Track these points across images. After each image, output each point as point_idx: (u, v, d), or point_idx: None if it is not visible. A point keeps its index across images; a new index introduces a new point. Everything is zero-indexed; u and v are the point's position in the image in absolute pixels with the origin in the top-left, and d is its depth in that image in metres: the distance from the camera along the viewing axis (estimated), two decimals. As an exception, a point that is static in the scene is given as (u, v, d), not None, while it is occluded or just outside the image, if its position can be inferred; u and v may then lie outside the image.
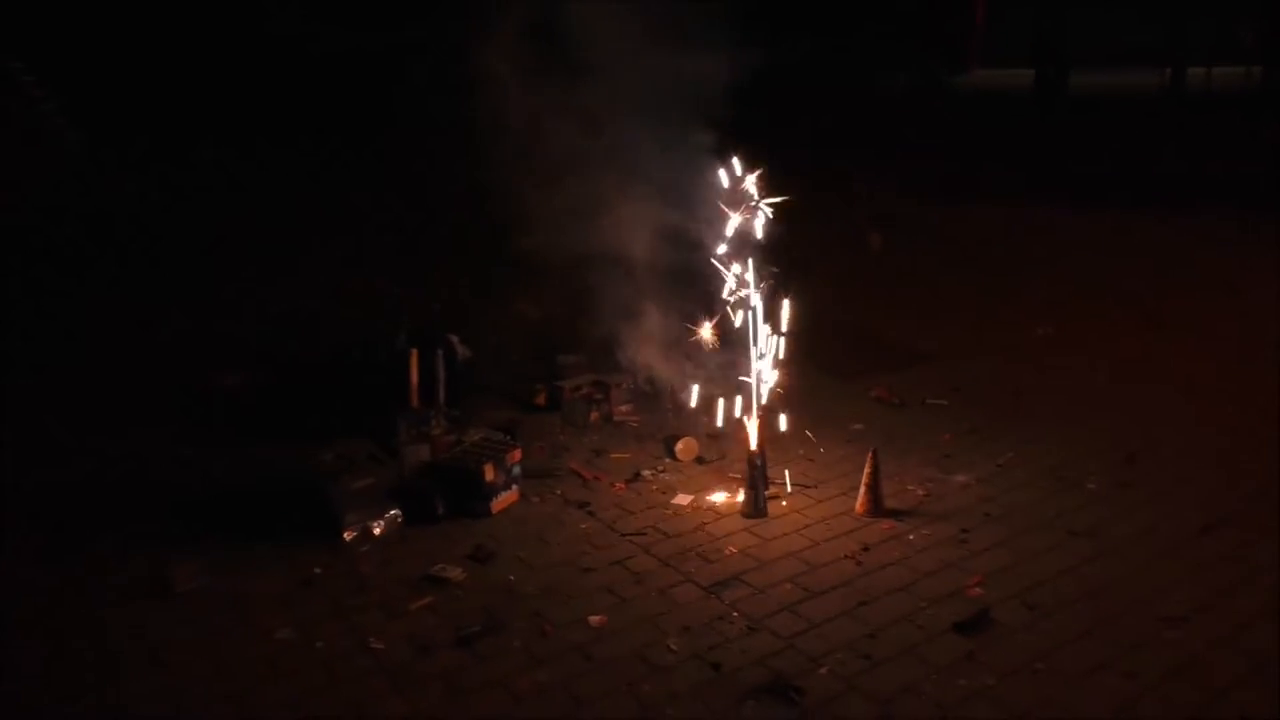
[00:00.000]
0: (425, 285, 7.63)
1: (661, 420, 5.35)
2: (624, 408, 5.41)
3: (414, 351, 4.91)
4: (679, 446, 4.81)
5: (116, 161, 11.88)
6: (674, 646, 3.33)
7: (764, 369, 4.27)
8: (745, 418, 4.27)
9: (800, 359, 5.98)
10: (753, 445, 4.25)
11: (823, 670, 3.19)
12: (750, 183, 4.16)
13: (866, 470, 4.21)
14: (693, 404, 4.59)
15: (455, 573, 3.78)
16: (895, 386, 5.72)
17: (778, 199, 4.19)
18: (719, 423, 4.41)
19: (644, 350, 5.22)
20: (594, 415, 5.31)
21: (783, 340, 4.34)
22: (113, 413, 5.50)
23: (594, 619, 3.48)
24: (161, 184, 11.37)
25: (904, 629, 3.41)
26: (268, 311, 7.33)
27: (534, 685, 3.15)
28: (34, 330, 6.83)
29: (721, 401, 4.37)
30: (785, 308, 4.31)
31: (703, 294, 4.38)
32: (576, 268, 5.12)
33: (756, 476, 4.22)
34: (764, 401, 4.29)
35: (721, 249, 4.19)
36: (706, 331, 4.36)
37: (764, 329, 4.26)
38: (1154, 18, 22.40)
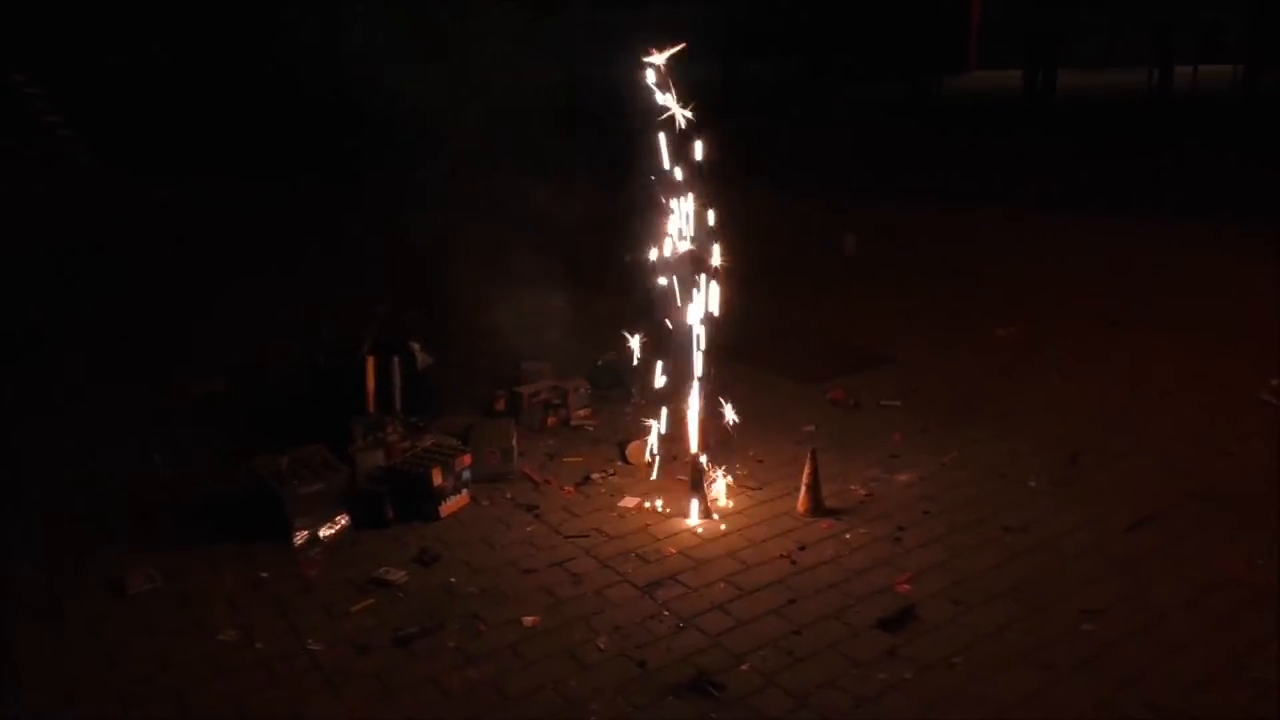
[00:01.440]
0: (404, 293, 7.72)
1: (620, 423, 5.43)
2: (582, 412, 5.50)
3: (370, 358, 5.00)
4: (630, 449, 4.90)
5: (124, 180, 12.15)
6: (603, 645, 3.41)
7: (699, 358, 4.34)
8: (687, 419, 4.36)
9: (757, 361, 6.13)
10: (693, 447, 4.34)
11: (745, 667, 3.27)
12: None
13: (806, 470, 4.29)
14: (659, 384, 4.63)
15: (398, 575, 3.87)
16: (853, 388, 5.80)
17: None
18: (660, 427, 4.50)
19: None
20: (551, 420, 5.40)
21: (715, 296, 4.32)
22: (80, 418, 5.61)
23: (528, 619, 3.57)
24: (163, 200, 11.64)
25: (829, 626, 3.49)
26: (244, 322, 7.47)
27: (464, 682, 3.24)
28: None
29: (664, 410, 4.46)
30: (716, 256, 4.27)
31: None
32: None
33: (699, 479, 4.30)
34: (702, 402, 4.38)
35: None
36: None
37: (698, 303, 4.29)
38: (1144, 18, 22.52)
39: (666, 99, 4.12)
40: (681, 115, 4.12)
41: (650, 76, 4.10)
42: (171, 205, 12.55)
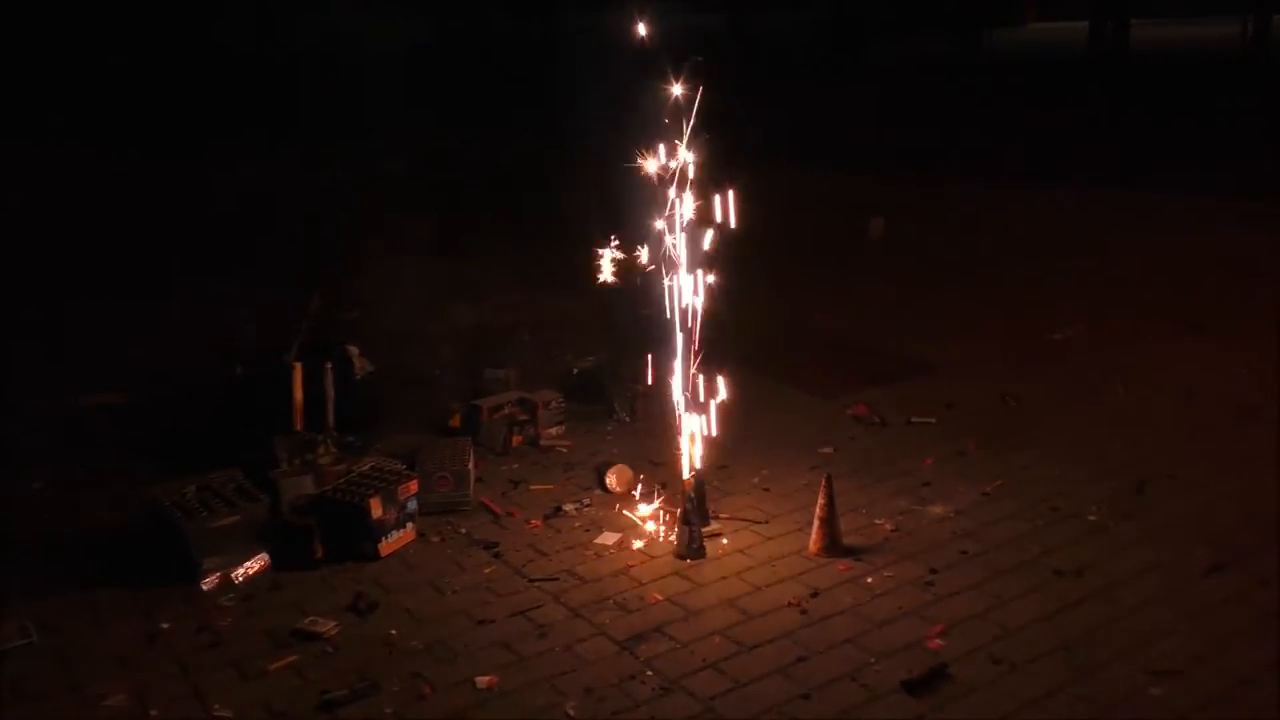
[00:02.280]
0: (344, 288, 7.75)
1: (599, 444, 5.43)
2: (553, 430, 5.50)
3: (297, 365, 4.99)
4: (610, 476, 4.89)
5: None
6: (572, 711, 3.40)
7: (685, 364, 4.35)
8: (677, 436, 4.36)
9: (765, 369, 6.14)
10: (685, 474, 4.33)
11: (742, 738, 3.27)
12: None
13: (820, 501, 4.29)
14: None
15: (328, 626, 3.85)
16: (878, 403, 5.82)
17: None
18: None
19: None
20: (516, 439, 5.40)
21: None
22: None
23: (483, 680, 3.55)
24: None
25: (845, 689, 3.48)
26: (147, 321, 7.46)
27: (403, 757, 3.23)
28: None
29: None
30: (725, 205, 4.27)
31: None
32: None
33: (691, 511, 4.30)
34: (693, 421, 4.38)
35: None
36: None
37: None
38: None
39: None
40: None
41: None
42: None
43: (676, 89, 4.16)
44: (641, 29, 4.14)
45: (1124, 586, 4.01)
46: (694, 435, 4.43)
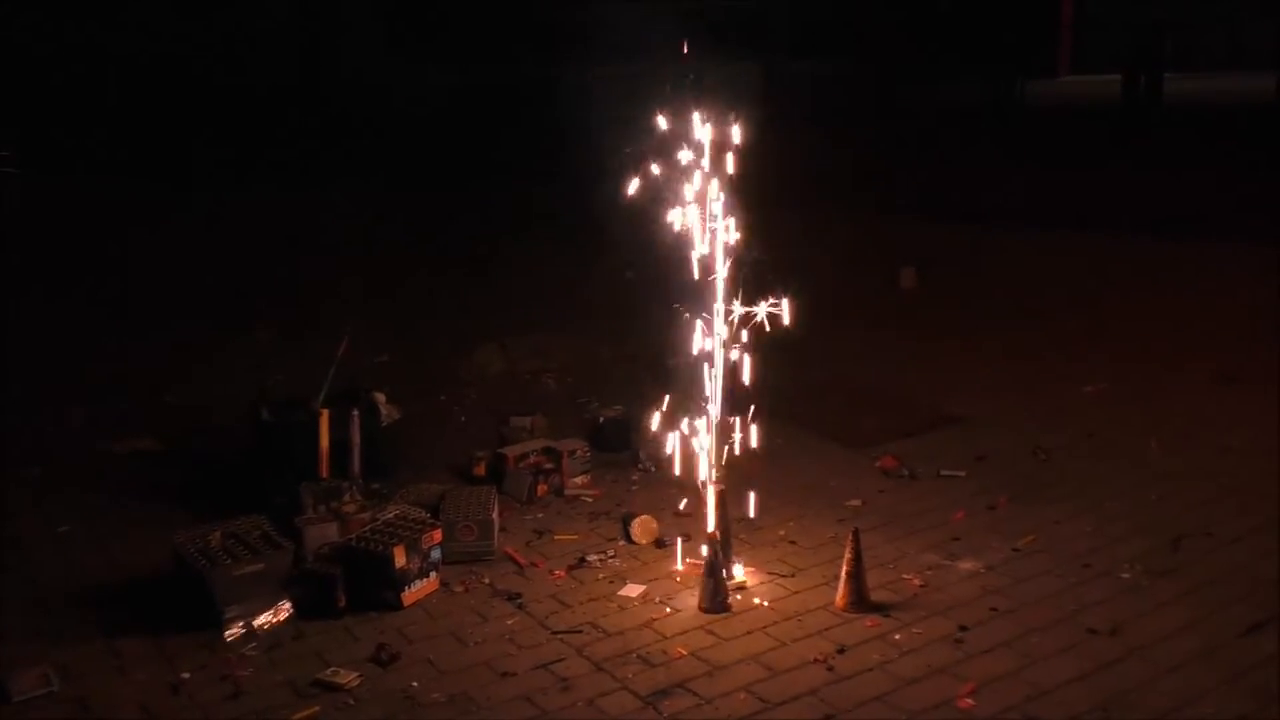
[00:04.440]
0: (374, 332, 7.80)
1: (624, 494, 5.40)
2: (579, 479, 5.47)
3: (324, 412, 5.01)
4: (635, 527, 4.86)
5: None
6: (593, 767, 3.35)
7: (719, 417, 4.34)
8: (702, 489, 4.33)
9: (793, 419, 6.10)
10: (710, 526, 4.29)
11: (766, 797, 3.20)
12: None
13: (848, 555, 4.24)
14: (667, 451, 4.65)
15: (349, 678, 3.82)
16: (907, 455, 5.76)
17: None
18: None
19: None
20: (541, 488, 5.37)
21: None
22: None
23: (503, 734, 3.51)
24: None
25: (872, 748, 3.42)
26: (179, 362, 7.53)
27: (422, 813, 3.18)
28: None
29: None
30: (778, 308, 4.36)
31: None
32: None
33: (715, 564, 4.25)
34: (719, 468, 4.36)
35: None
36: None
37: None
38: (1271, 14, 22.58)
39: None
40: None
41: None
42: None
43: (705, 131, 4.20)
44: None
45: (1160, 646, 3.92)
46: (721, 488, 4.39)
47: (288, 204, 13.37)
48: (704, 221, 4.36)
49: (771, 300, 4.36)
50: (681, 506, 4.97)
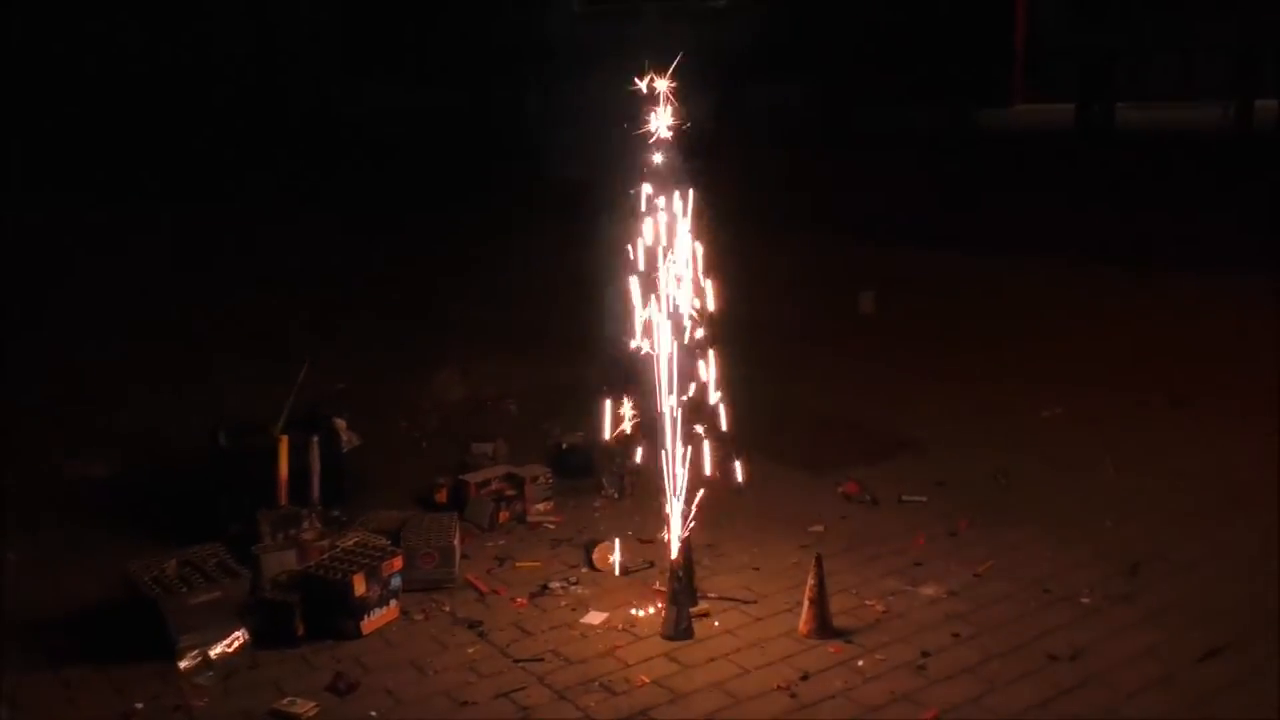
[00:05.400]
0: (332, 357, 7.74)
1: (587, 521, 5.38)
2: (541, 506, 5.44)
3: (283, 439, 4.95)
4: (597, 553, 4.84)
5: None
6: (556, 798, 3.32)
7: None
8: (665, 518, 4.32)
9: (754, 446, 6.09)
10: (673, 553, 4.28)
11: (730, 827, 3.18)
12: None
13: (810, 583, 4.24)
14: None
15: (306, 707, 3.76)
16: (869, 480, 5.78)
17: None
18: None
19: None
20: (503, 515, 5.34)
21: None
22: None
23: (464, 764, 3.47)
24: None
25: (836, 776, 3.41)
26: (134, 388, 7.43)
27: (381, 846, 3.14)
28: None
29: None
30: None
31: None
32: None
33: (679, 591, 4.24)
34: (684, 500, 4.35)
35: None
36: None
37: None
38: (1220, 47, 23.02)
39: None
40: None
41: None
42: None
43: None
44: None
45: (1120, 672, 3.95)
46: (682, 514, 4.38)
47: (242, 224, 13.30)
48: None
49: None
50: (641, 534, 4.95)
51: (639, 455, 4.62)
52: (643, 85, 4.21)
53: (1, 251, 11.26)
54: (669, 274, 4.31)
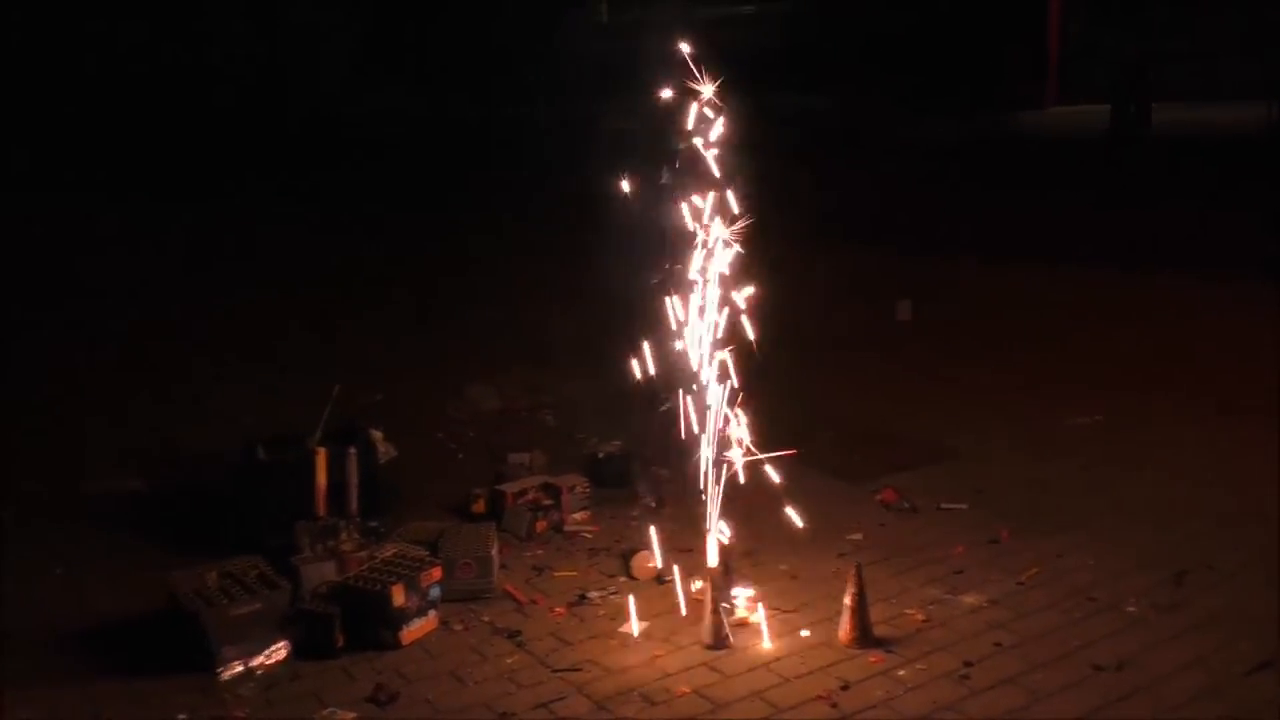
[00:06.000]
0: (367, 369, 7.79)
1: (625, 530, 5.38)
2: (578, 515, 5.45)
3: (321, 451, 4.98)
4: (635, 562, 4.83)
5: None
6: (596, 809, 3.31)
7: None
8: (705, 528, 4.31)
9: (796, 455, 6.07)
10: (712, 561, 4.27)
11: (772, 839, 3.17)
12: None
13: (850, 591, 4.21)
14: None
15: (347, 718, 3.79)
16: (907, 488, 5.74)
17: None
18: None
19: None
20: (540, 525, 5.34)
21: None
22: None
23: (505, 775, 3.48)
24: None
25: (878, 788, 3.39)
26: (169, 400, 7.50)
27: None
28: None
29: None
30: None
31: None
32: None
33: (717, 599, 4.23)
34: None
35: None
36: None
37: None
38: (1260, 45, 22.75)
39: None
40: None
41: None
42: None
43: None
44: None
45: (1167, 683, 3.90)
46: (722, 523, 4.38)
47: (260, 229, 13.41)
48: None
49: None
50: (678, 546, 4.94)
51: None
52: (675, 91, 4.22)
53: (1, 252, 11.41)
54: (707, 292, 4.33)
